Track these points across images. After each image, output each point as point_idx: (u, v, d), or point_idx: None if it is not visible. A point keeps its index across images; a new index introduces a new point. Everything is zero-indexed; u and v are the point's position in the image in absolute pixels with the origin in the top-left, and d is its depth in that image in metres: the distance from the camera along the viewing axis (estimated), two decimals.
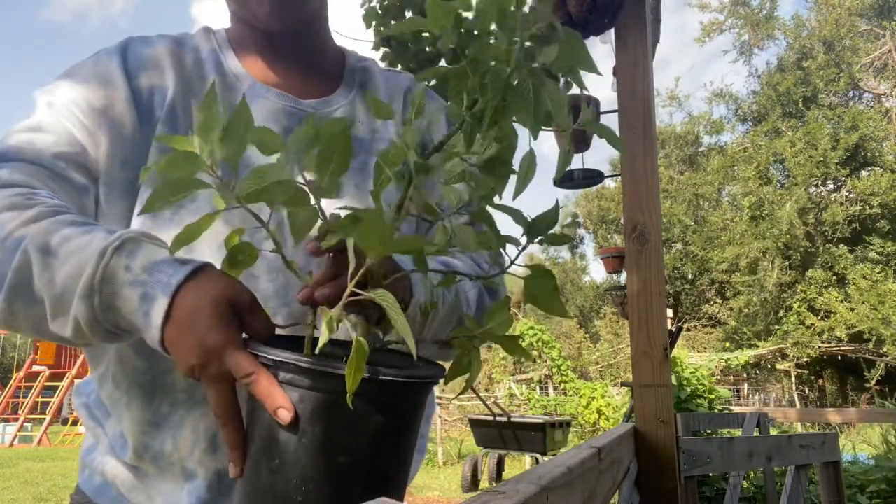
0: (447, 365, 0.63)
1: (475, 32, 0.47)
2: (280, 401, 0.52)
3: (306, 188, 0.55)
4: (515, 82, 0.47)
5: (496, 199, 0.56)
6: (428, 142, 0.75)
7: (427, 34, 3.52)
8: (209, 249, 0.73)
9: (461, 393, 0.63)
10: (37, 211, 0.65)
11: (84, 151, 0.76)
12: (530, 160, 0.53)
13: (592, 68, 0.48)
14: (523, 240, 0.57)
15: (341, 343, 0.58)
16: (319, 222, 0.57)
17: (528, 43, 0.46)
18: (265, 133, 0.54)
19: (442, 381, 0.61)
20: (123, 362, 0.76)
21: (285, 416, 0.52)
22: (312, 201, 0.55)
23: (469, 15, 0.48)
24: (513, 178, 0.55)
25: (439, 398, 10.77)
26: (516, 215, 0.57)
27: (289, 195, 0.53)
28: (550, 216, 0.55)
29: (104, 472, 0.82)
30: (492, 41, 0.47)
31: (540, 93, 0.47)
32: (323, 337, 0.50)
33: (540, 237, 0.56)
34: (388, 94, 0.97)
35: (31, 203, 0.66)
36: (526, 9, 0.47)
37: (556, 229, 0.56)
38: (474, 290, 0.84)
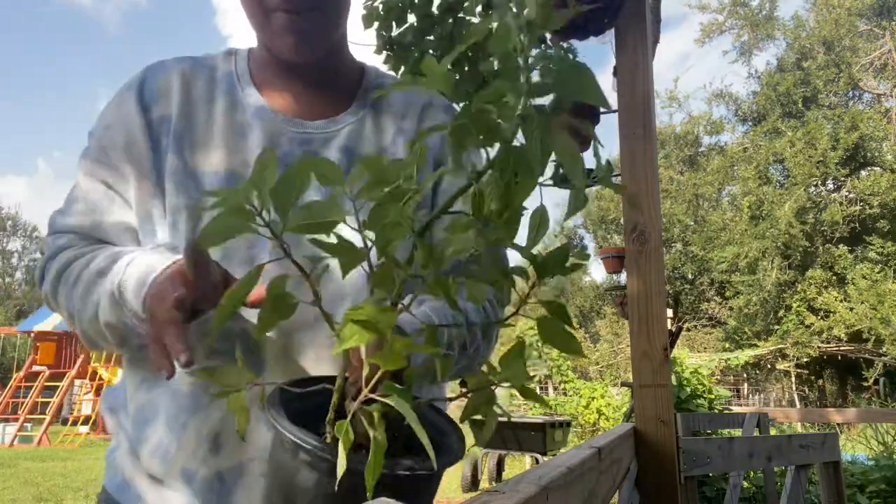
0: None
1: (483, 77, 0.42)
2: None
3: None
4: (522, 140, 0.42)
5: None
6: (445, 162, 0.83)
7: (431, 38, 3.38)
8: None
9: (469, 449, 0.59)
10: (76, 273, 0.84)
11: (121, 201, 0.88)
12: (541, 216, 0.49)
13: (601, 101, 0.40)
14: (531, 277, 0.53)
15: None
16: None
17: (534, 78, 0.40)
18: (325, 165, 0.51)
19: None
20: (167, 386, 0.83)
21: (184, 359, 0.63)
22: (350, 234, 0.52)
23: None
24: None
25: None
26: (526, 254, 0.53)
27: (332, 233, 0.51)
28: (561, 254, 0.52)
29: (124, 472, 0.89)
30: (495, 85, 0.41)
31: (547, 148, 0.41)
32: (340, 461, 0.48)
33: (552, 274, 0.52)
34: (403, 108, 0.95)
35: (70, 270, 0.85)
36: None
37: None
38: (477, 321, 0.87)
